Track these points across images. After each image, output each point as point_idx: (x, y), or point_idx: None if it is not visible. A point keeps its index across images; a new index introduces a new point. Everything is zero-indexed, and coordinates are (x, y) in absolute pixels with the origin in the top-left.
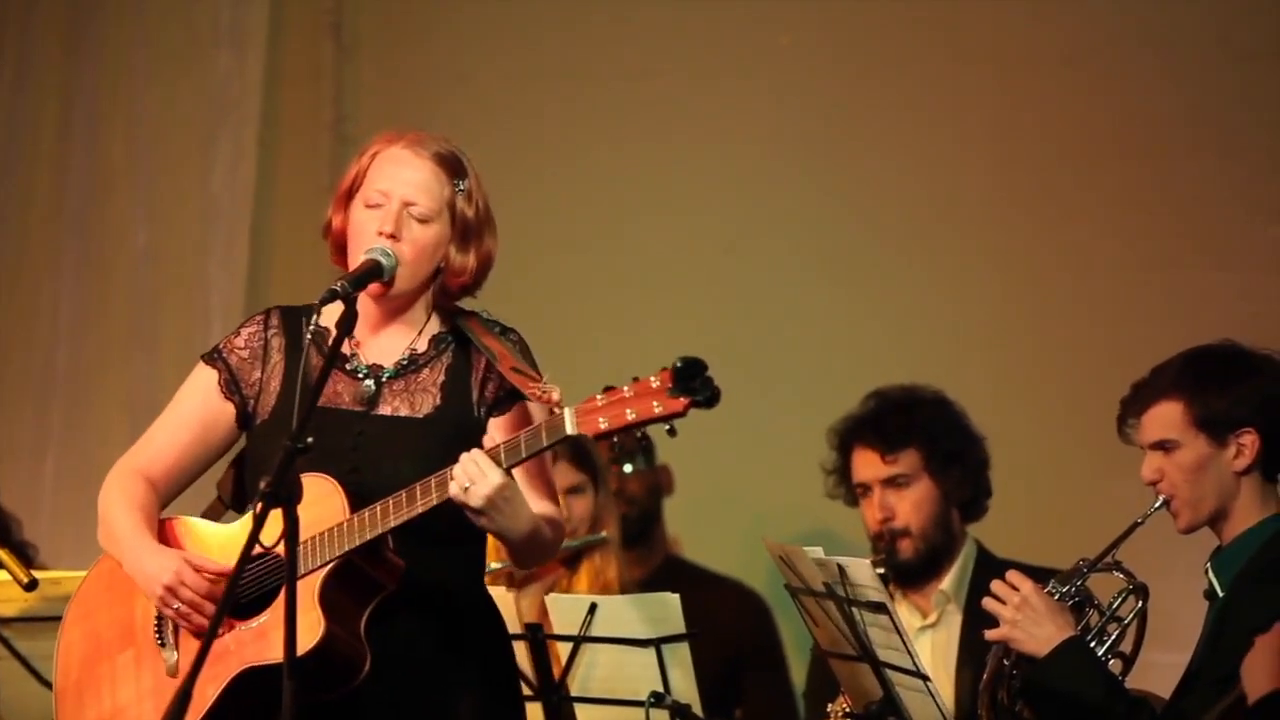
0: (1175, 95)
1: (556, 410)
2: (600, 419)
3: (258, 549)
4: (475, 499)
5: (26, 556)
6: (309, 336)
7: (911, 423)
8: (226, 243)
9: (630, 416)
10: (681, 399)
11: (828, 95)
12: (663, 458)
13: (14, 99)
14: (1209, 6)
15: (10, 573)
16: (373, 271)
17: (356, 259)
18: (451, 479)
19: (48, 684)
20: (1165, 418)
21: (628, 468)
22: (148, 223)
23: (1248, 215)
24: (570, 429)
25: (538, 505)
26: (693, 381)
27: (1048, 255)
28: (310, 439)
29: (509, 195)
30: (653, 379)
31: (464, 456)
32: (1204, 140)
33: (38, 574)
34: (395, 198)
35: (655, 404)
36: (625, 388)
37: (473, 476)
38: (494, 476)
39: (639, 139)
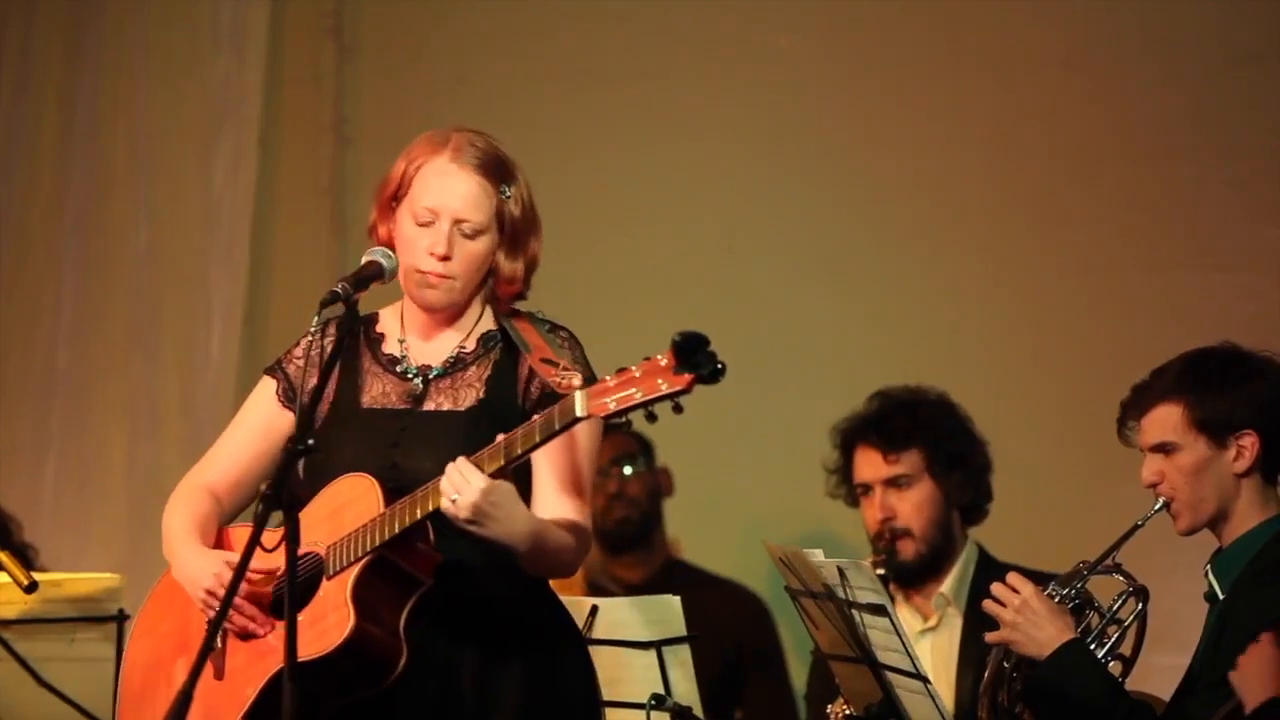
0: (1175, 97)
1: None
2: (608, 399)
3: (261, 554)
4: (462, 510)
5: (26, 558)
6: (348, 334)
7: (915, 423)
8: (227, 244)
9: (638, 396)
10: (686, 375)
11: (827, 97)
12: (662, 460)
13: (15, 100)
14: (1209, 8)
15: (10, 575)
16: (373, 274)
17: (406, 274)
18: (441, 492)
19: (48, 686)
20: (1165, 420)
21: (627, 469)
22: (148, 224)
23: (1248, 217)
24: (581, 411)
25: (558, 507)
26: (695, 356)
27: (1047, 256)
28: (311, 441)
29: None
30: (660, 357)
31: (449, 466)
32: (1204, 142)
33: (38, 576)
34: (445, 216)
35: (661, 381)
36: (635, 368)
37: (458, 486)
38: (476, 482)
39: (637, 141)
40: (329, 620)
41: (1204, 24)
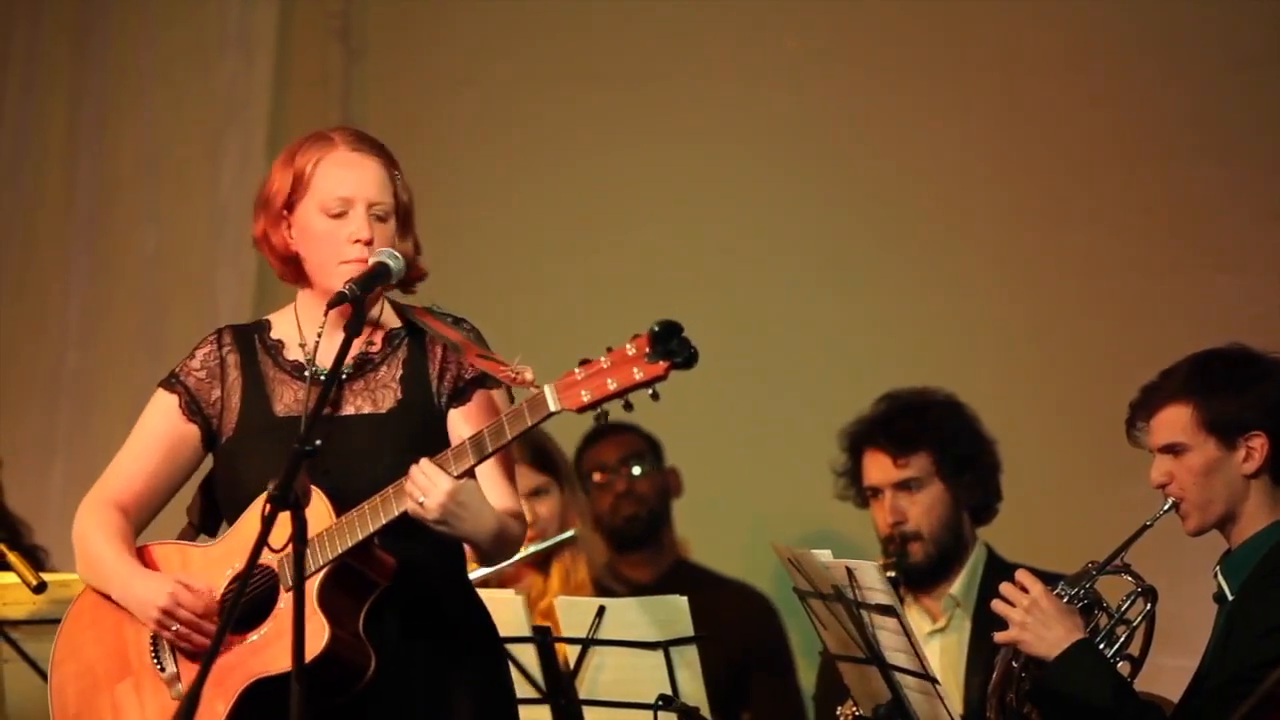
0: (1180, 100)
1: (534, 390)
2: (582, 392)
3: (181, 561)
4: (431, 512)
5: (35, 559)
6: (258, 343)
7: (923, 426)
8: (235, 246)
9: (612, 386)
10: (661, 363)
11: (834, 98)
12: (671, 460)
13: (23, 102)
14: (1214, 11)
15: (19, 575)
16: (381, 275)
17: (326, 269)
18: (407, 494)
19: None
20: (1174, 421)
21: (636, 470)
22: (156, 226)
23: (1254, 219)
24: (554, 405)
25: (502, 499)
26: (670, 343)
27: (1054, 258)
28: (319, 442)
29: (515, 198)
30: (629, 347)
31: (413, 469)
32: (1209, 144)
33: (46, 577)
34: (360, 201)
35: (636, 370)
36: (602, 358)
37: (424, 488)
38: (443, 484)
39: (645, 142)
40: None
41: (1208, 27)
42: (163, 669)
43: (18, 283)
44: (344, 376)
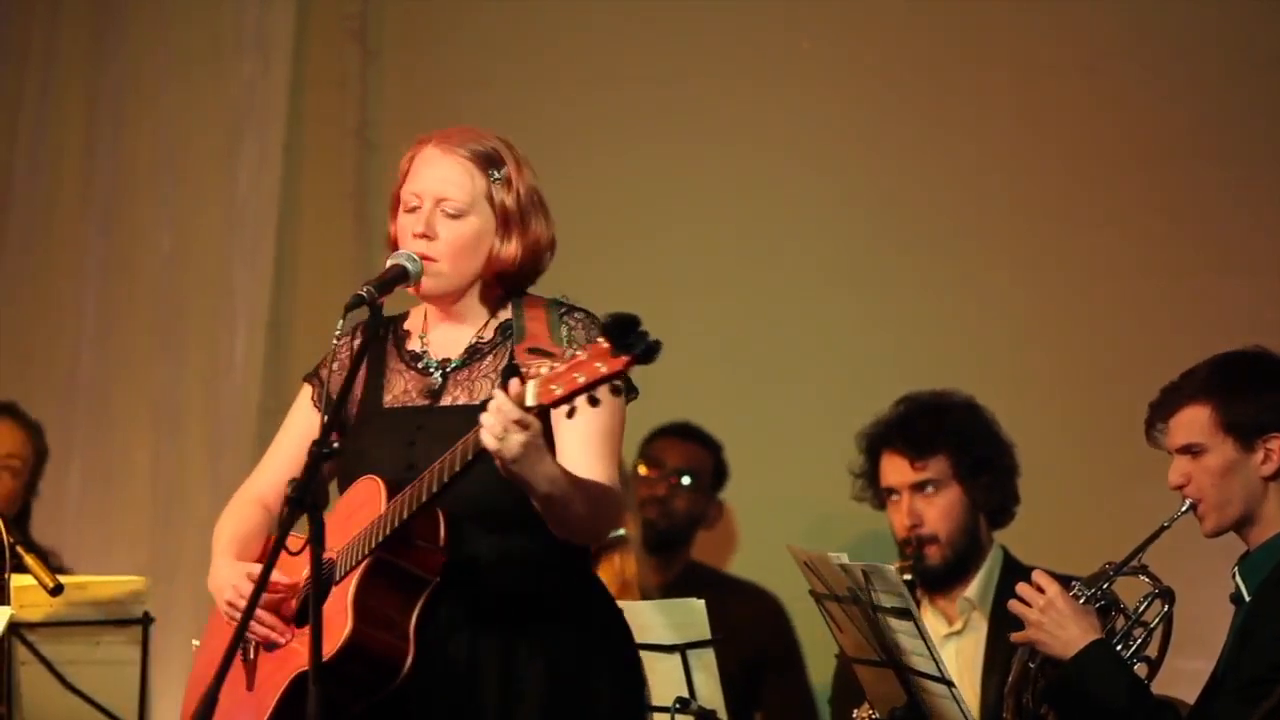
0: (1195, 103)
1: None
2: (553, 386)
3: (288, 555)
4: (511, 445)
5: (51, 561)
6: (379, 335)
7: (941, 428)
8: (251, 247)
9: (580, 380)
10: (622, 357)
11: (849, 100)
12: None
13: (40, 103)
14: (1231, 14)
15: (36, 577)
16: (398, 276)
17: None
18: (482, 428)
19: (71, 688)
20: (1193, 422)
21: (686, 480)
22: (172, 227)
23: (1271, 222)
24: (531, 400)
25: (587, 469)
26: (628, 338)
27: (1070, 260)
28: (336, 443)
29: None
30: (600, 340)
31: (491, 404)
32: (1227, 147)
33: (63, 579)
34: (428, 197)
35: (599, 364)
36: (579, 351)
37: (503, 424)
38: (512, 410)
39: (660, 143)
40: (333, 625)
41: (1223, 30)
42: (245, 658)
43: (34, 282)
44: (451, 367)
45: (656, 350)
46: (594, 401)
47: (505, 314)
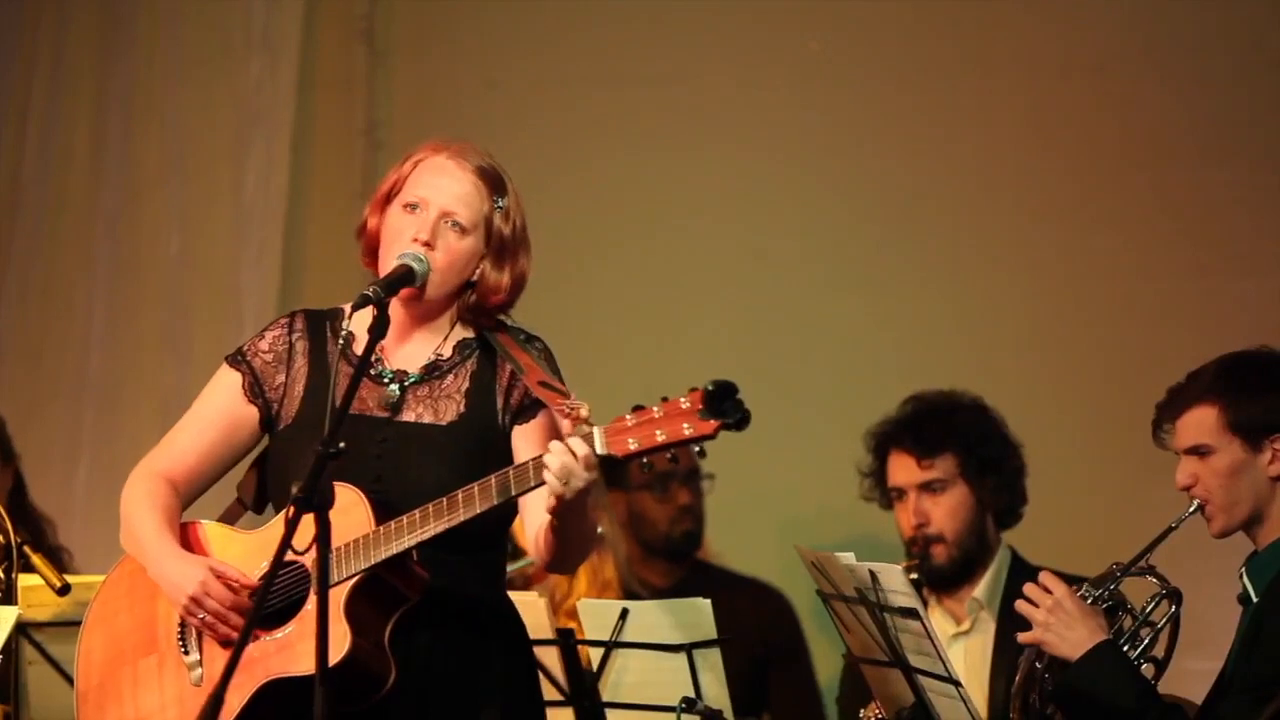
0: (1204, 103)
1: (587, 427)
2: (630, 439)
3: (288, 556)
4: (574, 488)
5: (59, 561)
6: (340, 342)
7: (949, 428)
8: (259, 248)
9: (660, 438)
10: (712, 421)
11: (856, 101)
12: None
13: (48, 104)
14: (1242, 13)
15: (43, 577)
16: (405, 277)
17: (388, 261)
18: (546, 469)
19: None
20: (1200, 422)
21: (705, 484)
22: (180, 228)
23: (1278, 223)
24: (600, 448)
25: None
26: (724, 404)
27: (1079, 261)
28: (343, 444)
29: (537, 201)
30: (683, 400)
31: (557, 448)
32: (1236, 146)
33: (70, 578)
34: (434, 206)
35: (686, 425)
36: (655, 408)
37: (571, 469)
38: (582, 448)
39: (667, 144)
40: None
41: (1231, 30)
42: (187, 653)
43: (43, 284)
44: (410, 381)
45: (747, 423)
46: (674, 460)
47: (462, 333)
